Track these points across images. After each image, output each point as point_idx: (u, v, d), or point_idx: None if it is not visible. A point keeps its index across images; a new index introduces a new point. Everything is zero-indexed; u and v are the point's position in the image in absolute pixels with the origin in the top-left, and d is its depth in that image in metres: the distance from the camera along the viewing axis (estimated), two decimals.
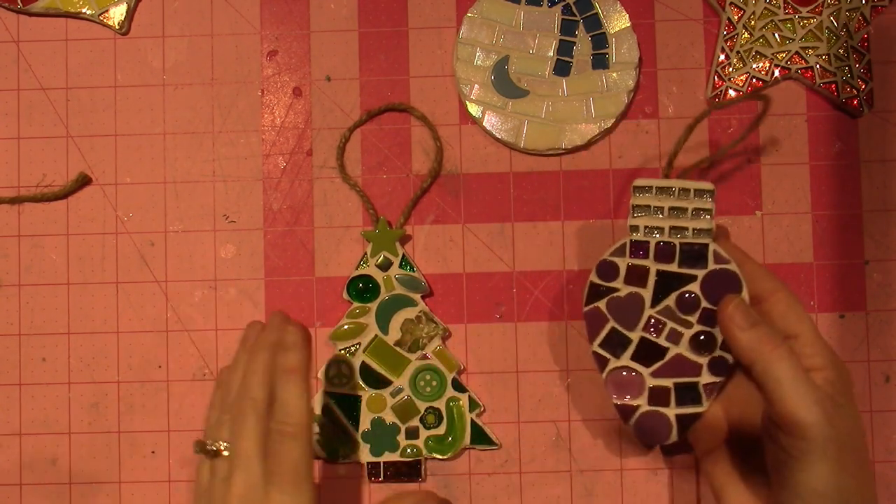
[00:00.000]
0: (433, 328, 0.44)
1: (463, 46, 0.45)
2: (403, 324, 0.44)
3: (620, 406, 0.41)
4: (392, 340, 0.44)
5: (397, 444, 0.43)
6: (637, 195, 0.41)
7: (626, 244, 0.41)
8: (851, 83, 0.45)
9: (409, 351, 0.44)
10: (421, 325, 0.44)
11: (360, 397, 0.44)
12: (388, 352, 0.44)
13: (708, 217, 0.40)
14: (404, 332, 0.44)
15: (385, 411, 0.44)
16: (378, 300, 0.44)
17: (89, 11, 0.46)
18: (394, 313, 0.44)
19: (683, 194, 0.40)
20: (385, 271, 0.44)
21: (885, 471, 0.45)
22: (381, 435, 0.44)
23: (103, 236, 0.46)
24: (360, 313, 0.44)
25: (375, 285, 0.44)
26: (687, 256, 0.40)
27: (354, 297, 0.44)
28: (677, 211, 0.40)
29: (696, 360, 0.40)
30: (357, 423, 0.44)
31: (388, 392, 0.44)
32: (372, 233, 0.44)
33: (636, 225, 0.40)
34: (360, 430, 0.44)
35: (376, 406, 0.44)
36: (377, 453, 0.44)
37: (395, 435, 0.44)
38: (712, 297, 0.40)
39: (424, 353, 0.44)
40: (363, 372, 0.44)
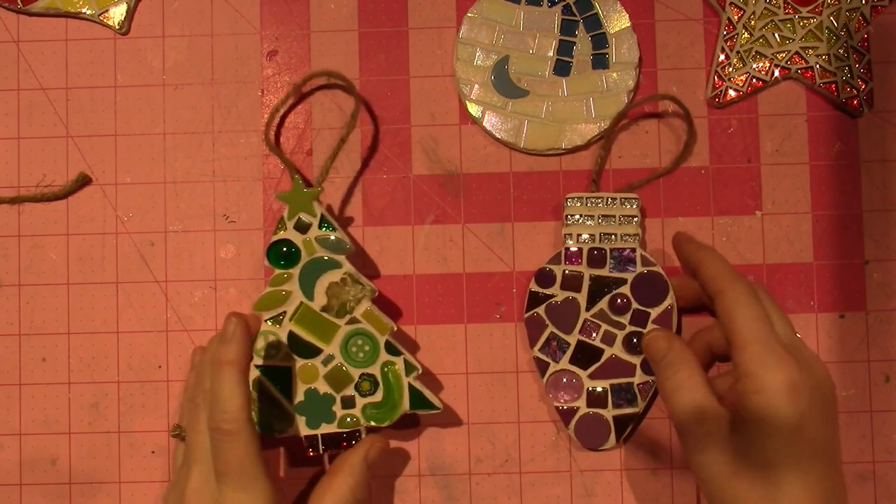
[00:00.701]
0: (360, 290, 0.41)
1: (463, 46, 0.45)
2: (329, 287, 0.41)
3: (561, 409, 0.44)
4: (318, 306, 0.41)
5: (334, 415, 0.41)
6: (569, 205, 0.44)
7: (561, 252, 0.44)
8: (851, 83, 0.45)
9: (337, 316, 0.41)
10: (347, 288, 0.41)
11: (290, 368, 0.41)
12: (316, 318, 0.41)
13: (634, 222, 0.43)
14: (330, 297, 0.41)
15: (318, 381, 0.41)
16: (300, 265, 0.41)
17: (89, 11, 0.46)
18: (318, 277, 0.41)
19: (611, 203, 0.44)
20: (304, 234, 0.41)
21: (885, 471, 0.45)
22: (315, 406, 0.41)
23: (103, 236, 0.46)
24: (283, 280, 0.41)
25: (296, 249, 0.41)
26: (617, 261, 0.43)
27: (274, 262, 0.41)
28: (606, 219, 0.43)
29: (630, 361, 0.43)
30: (290, 395, 0.41)
31: (320, 361, 0.41)
32: (286, 193, 0.41)
33: (570, 233, 0.44)
34: (295, 402, 0.41)
35: (308, 376, 0.41)
36: (313, 425, 0.41)
37: (331, 405, 0.41)
38: (641, 298, 0.43)
39: (353, 316, 0.41)
40: (291, 341, 0.41)
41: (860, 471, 0.44)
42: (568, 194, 0.44)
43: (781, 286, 0.45)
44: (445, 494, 0.45)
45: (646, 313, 0.43)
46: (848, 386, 0.45)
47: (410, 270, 0.45)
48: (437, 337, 0.45)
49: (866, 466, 0.45)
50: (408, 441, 0.45)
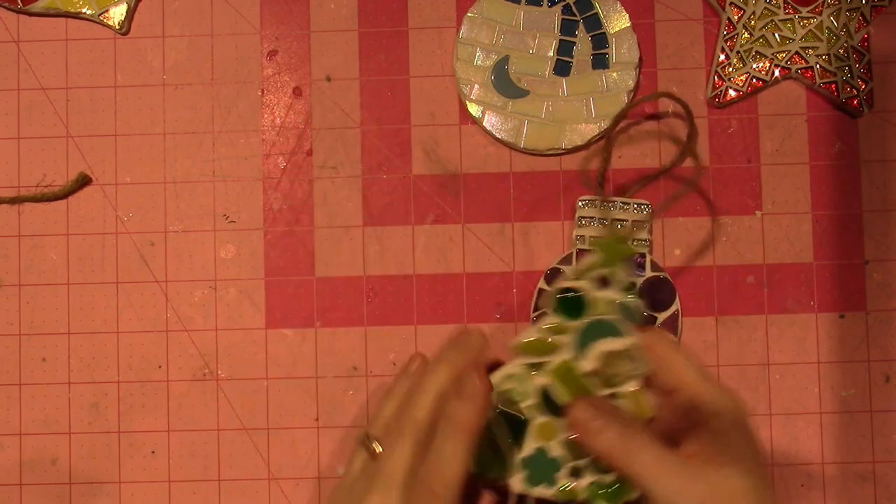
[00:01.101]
0: (636, 367, 0.37)
1: (463, 46, 0.45)
2: (605, 355, 0.37)
3: None
4: (586, 369, 0.37)
5: (555, 481, 0.37)
6: (582, 207, 0.44)
7: (572, 253, 0.44)
8: (851, 83, 0.45)
9: (602, 385, 0.37)
10: (624, 362, 0.37)
11: (530, 420, 0.38)
12: (577, 381, 0.37)
13: (646, 229, 0.44)
14: (604, 365, 0.37)
15: (553, 443, 0.37)
16: (583, 321, 0.37)
17: (89, 11, 0.46)
18: (597, 339, 0.37)
19: (624, 208, 0.44)
20: (601, 289, 0.37)
21: (885, 471, 0.45)
22: (540, 466, 0.38)
23: (103, 236, 0.46)
24: (559, 330, 0.37)
25: (583, 303, 0.37)
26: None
27: (560, 310, 0.37)
28: (619, 223, 0.44)
29: None
30: (520, 446, 0.38)
31: (564, 423, 0.37)
32: (603, 241, 0.38)
33: (582, 235, 0.44)
34: (521, 454, 0.38)
35: (546, 434, 0.38)
36: (531, 484, 0.37)
37: (556, 471, 0.37)
38: (649, 303, 0.44)
39: (617, 391, 0.37)
40: (543, 395, 0.38)
41: (860, 471, 0.45)
42: (581, 196, 0.44)
43: (781, 286, 0.45)
44: None
45: (653, 318, 0.44)
46: (848, 386, 0.45)
47: (410, 270, 0.45)
48: (438, 337, 0.45)
49: (866, 466, 0.45)
50: None
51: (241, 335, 0.45)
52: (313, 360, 0.45)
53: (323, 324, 0.45)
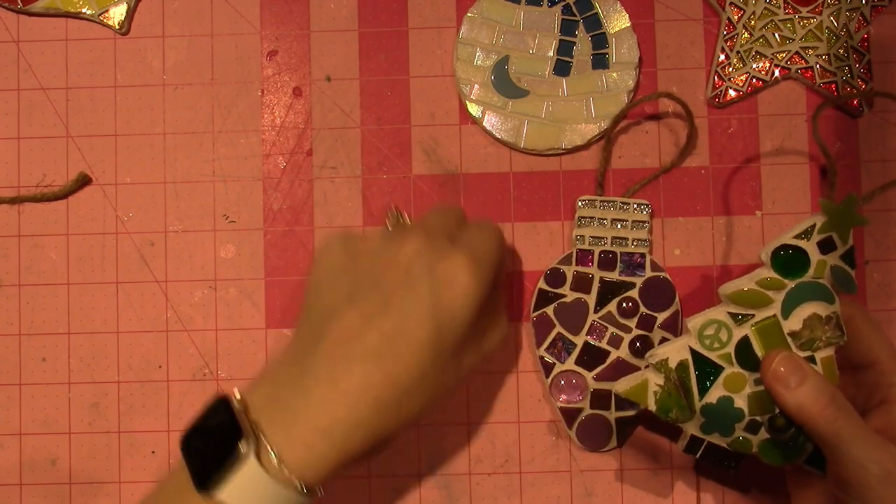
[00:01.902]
0: (836, 336, 0.37)
1: (463, 46, 0.45)
2: (809, 317, 0.37)
3: (565, 409, 0.44)
4: (788, 329, 0.37)
5: (732, 431, 0.38)
6: (582, 207, 0.44)
7: (572, 253, 0.44)
8: (851, 83, 0.45)
9: (800, 348, 0.37)
10: (826, 327, 0.37)
11: (722, 369, 0.38)
12: (778, 338, 0.37)
13: (646, 228, 0.44)
14: (805, 327, 0.37)
15: (739, 394, 0.38)
16: (797, 281, 0.37)
17: (89, 11, 0.46)
18: (805, 301, 0.37)
19: (624, 207, 0.44)
20: (824, 254, 0.37)
21: None
22: (721, 415, 0.38)
23: (103, 236, 0.46)
24: (772, 285, 0.37)
25: (805, 263, 0.37)
26: (627, 265, 0.44)
27: (777, 265, 0.37)
28: (618, 223, 0.44)
29: (636, 364, 0.43)
30: (705, 393, 0.38)
31: (754, 378, 0.37)
32: (835, 206, 0.36)
33: (582, 235, 0.44)
34: (704, 401, 0.38)
35: (734, 385, 0.38)
36: (708, 431, 0.38)
37: (736, 421, 0.38)
38: (649, 303, 0.44)
39: (813, 355, 0.37)
40: (741, 346, 0.38)
41: None
42: (580, 196, 0.44)
43: None
44: (445, 494, 0.45)
45: (653, 318, 0.44)
46: None
47: None
48: None
49: None
50: (408, 441, 0.45)
51: (241, 335, 0.45)
52: None
53: None
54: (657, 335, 0.44)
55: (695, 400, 0.38)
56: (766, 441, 0.38)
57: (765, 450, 0.37)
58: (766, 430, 0.37)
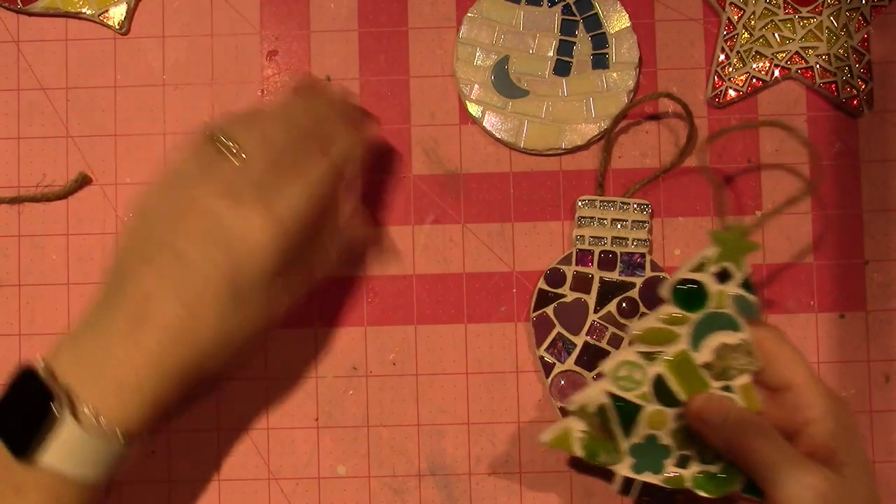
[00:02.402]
0: (749, 362, 0.37)
1: (463, 46, 0.45)
2: (719, 347, 0.37)
3: (565, 409, 0.43)
4: (700, 360, 0.38)
5: (662, 468, 0.38)
6: (582, 207, 0.44)
7: (572, 253, 0.44)
8: (851, 83, 0.45)
9: (715, 378, 0.37)
10: (737, 355, 0.37)
11: (641, 408, 0.38)
12: (691, 371, 0.38)
13: (646, 228, 0.44)
14: (717, 357, 0.37)
15: (664, 430, 0.38)
16: (701, 313, 0.38)
17: (89, 11, 0.46)
18: (712, 332, 0.38)
19: (624, 207, 0.44)
20: (721, 283, 0.38)
21: (885, 471, 0.45)
22: (649, 453, 0.38)
23: (103, 236, 0.46)
24: (676, 320, 0.38)
25: (704, 296, 0.38)
26: (627, 266, 0.44)
27: (678, 300, 0.38)
28: (618, 223, 0.44)
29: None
30: (629, 434, 0.38)
31: (675, 412, 0.38)
32: (723, 236, 0.37)
33: (582, 235, 0.44)
34: (630, 441, 0.38)
35: (657, 423, 0.38)
36: (639, 470, 0.38)
37: (665, 458, 0.38)
38: (649, 303, 0.44)
39: (729, 384, 0.37)
40: (656, 383, 0.38)
41: None
42: (580, 196, 0.44)
43: (781, 286, 0.45)
44: (445, 494, 0.45)
45: None
46: (848, 386, 0.45)
47: (410, 270, 0.45)
48: (437, 337, 0.45)
49: None
50: (408, 441, 0.45)
51: None
52: (313, 360, 0.45)
53: (323, 324, 0.45)
54: None
55: (620, 441, 0.38)
56: (699, 474, 0.38)
57: (698, 483, 0.38)
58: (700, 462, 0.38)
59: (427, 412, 0.45)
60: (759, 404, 0.37)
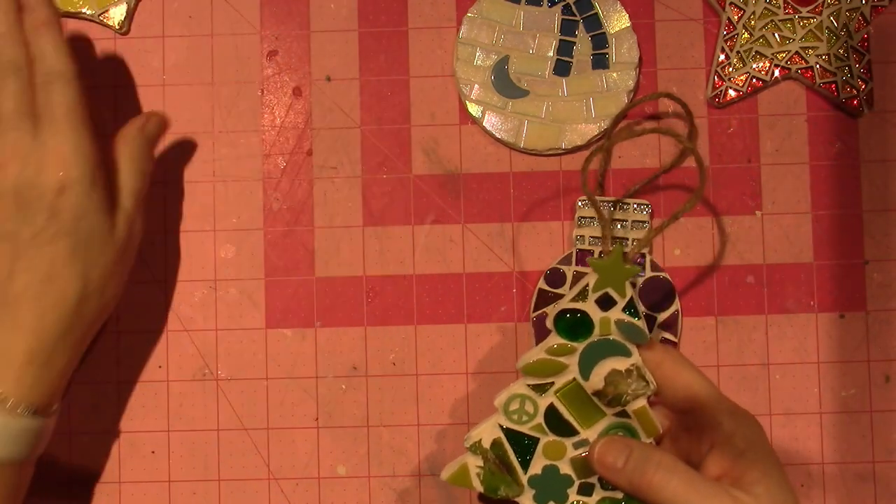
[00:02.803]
0: (642, 386, 0.37)
1: (463, 46, 0.45)
2: (610, 374, 0.37)
3: None
4: (591, 389, 0.37)
5: (565, 498, 0.38)
6: (582, 207, 0.44)
7: (572, 253, 0.44)
8: (851, 83, 0.45)
9: (608, 405, 0.37)
10: (629, 381, 0.37)
11: (538, 440, 0.38)
12: (583, 400, 0.38)
13: (646, 229, 0.44)
14: (608, 384, 0.37)
15: (562, 461, 0.38)
16: (587, 342, 0.37)
17: (89, 11, 0.46)
18: (601, 359, 0.37)
19: (624, 207, 0.44)
20: (605, 311, 0.37)
21: (885, 471, 0.45)
22: (550, 484, 0.38)
23: None
24: (563, 351, 0.37)
25: (589, 324, 0.37)
26: None
27: (562, 331, 0.37)
28: (618, 223, 0.44)
29: None
30: (527, 465, 0.38)
31: (572, 442, 0.38)
32: (601, 262, 0.37)
33: (582, 235, 0.44)
34: (529, 473, 0.38)
35: (554, 453, 0.38)
36: (541, 502, 0.38)
37: (567, 488, 0.38)
38: (649, 303, 0.44)
39: (624, 409, 0.37)
40: (549, 414, 0.38)
41: (860, 471, 0.45)
42: (580, 196, 0.44)
43: (781, 286, 0.45)
44: (445, 494, 0.45)
45: (652, 318, 0.44)
46: (848, 386, 0.45)
47: (410, 270, 0.45)
48: (437, 337, 0.45)
49: (866, 466, 0.45)
50: (408, 441, 0.45)
51: (241, 335, 0.45)
52: (313, 360, 0.45)
53: (323, 324, 0.45)
54: (657, 335, 0.44)
55: (519, 474, 0.38)
56: (604, 501, 0.38)
57: None
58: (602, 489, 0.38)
59: (427, 412, 0.45)
60: (659, 428, 0.37)
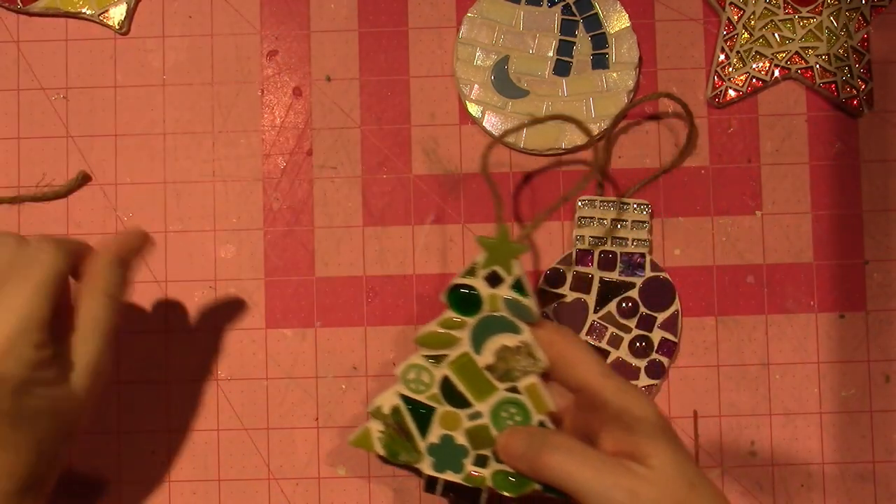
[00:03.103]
0: (531, 364, 0.37)
1: (463, 46, 0.45)
2: (500, 350, 0.38)
3: None
4: (483, 363, 0.38)
5: (462, 467, 0.38)
6: (582, 207, 0.44)
7: (572, 253, 0.44)
8: (851, 83, 0.45)
9: (500, 379, 0.38)
10: (518, 357, 0.37)
11: (434, 409, 0.39)
12: (476, 373, 0.38)
13: (646, 229, 0.44)
14: (498, 359, 0.38)
15: (458, 431, 0.39)
16: (478, 316, 0.38)
17: (89, 11, 0.46)
18: (492, 335, 0.38)
19: (624, 207, 0.44)
20: (493, 287, 0.38)
21: (885, 471, 0.45)
22: (447, 453, 0.39)
23: (103, 236, 0.46)
24: (455, 325, 0.38)
25: (479, 301, 0.38)
26: (626, 265, 0.44)
27: (454, 305, 0.38)
28: (618, 223, 0.44)
29: (635, 364, 0.44)
30: (425, 434, 0.39)
31: (466, 414, 0.38)
32: (489, 240, 0.37)
33: (581, 235, 0.44)
34: (428, 441, 0.39)
35: (450, 423, 0.39)
36: (440, 469, 0.39)
37: (463, 457, 0.39)
38: (649, 303, 0.44)
39: (515, 385, 0.38)
40: (444, 385, 0.38)
41: (860, 471, 0.44)
42: (580, 196, 0.44)
43: (781, 286, 0.45)
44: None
45: (653, 318, 0.44)
46: (848, 386, 0.45)
47: (410, 270, 0.45)
48: None
49: (866, 466, 0.45)
50: None
51: (241, 335, 0.45)
52: (313, 360, 0.45)
53: (323, 324, 0.45)
54: (657, 335, 0.44)
55: (417, 441, 0.39)
56: (498, 473, 0.38)
57: (498, 482, 0.38)
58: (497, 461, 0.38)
59: None
60: (550, 405, 0.37)
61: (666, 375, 0.44)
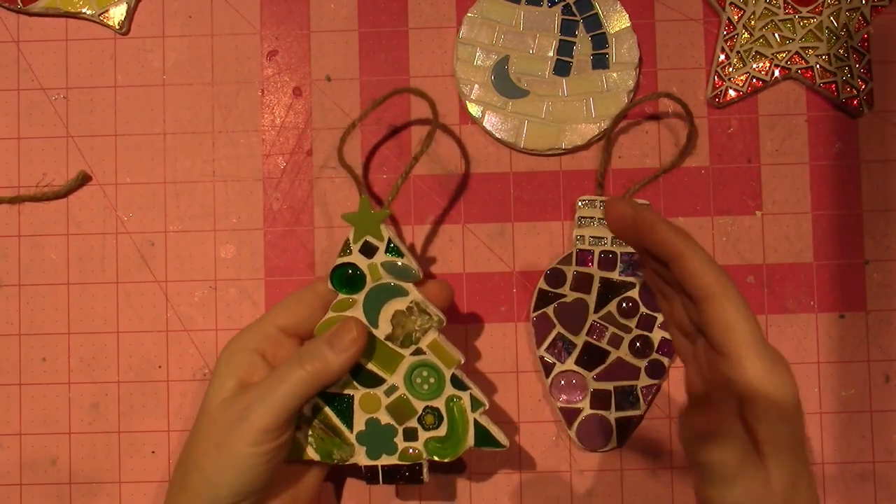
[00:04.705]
0: (427, 320, 0.38)
1: (463, 46, 0.45)
2: (394, 316, 0.38)
3: (564, 409, 0.44)
4: (383, 335, 0.39)
5: (395, 447, 0.39)
6: (582, 207, 0.44)
7: (572, 253, 0.44)
8: (851, 83, 0.45)
9: (402, 346, 0.39)
10: (413, 317, 0.38)
11: (352, 396, 0.39)
12: (380, 347, 0.39)
13: None
14: (395, 326, 0.38)
15: (380, 411, 0.39)
16: (364, 290, 0.39)
17: (89, 11, 0.46)
18: (383, 304, 0.38)
19: None
20: (370, 258, 0.38)
21: (885, 471, 0.45)
22: (377, 436, 0.39)
23: (103, 236, 0.46)
24: (347, 305, 0.39)
25: (361, 274, 0.39)
26: (627, 265, 0.44)
27: (339, 286, 0.39)
28: None
29: (636, 364, 0.44)
30: (351, 424, 0.39)
31: (382, 391, 0.39)
32: (352, 215, 0.38)
33: (582, 235, 0.44)
34: (355, 431, 0.39)
35: (370, 406, 0.39)
36: (374, 456, 0.39)
37: (393, 436, 0.39)
38: (649, 303, 0.44)
39: (419, 347, 0.39)
40: (353, 369, 0.39)
41: (860, 471, 0.45)
42: (580, 196, 0.44)
43: (781, 286, 0.45)
44: (445, 494, 0.45)
45: (653, 318, 0.44)
46: (848, 386, 0.45)
47: None
48: None
49: (866, 466, 0.45)
50: None
51: None
52: None
53: None
54: (657, 335, 0.44)
55: (346, 435, 0.39)
56: (430, 443, 0.39)
57: (433, 450, 0.39)
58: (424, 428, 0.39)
59: None
60: (457, 357, 0.38)
61: (666, 375, 0.44)
